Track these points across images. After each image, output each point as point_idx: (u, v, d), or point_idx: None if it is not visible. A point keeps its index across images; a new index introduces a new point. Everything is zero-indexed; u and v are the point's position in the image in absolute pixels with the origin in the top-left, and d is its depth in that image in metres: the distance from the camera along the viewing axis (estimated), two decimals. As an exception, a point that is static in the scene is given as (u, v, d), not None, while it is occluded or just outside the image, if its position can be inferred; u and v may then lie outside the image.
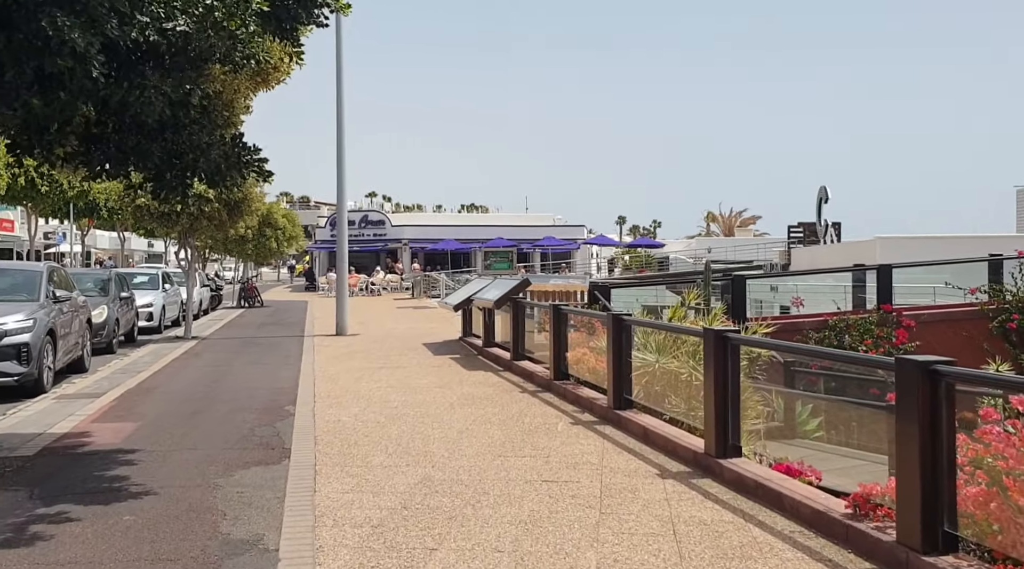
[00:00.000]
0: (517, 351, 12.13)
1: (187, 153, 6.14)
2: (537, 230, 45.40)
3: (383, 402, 9.51)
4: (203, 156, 6.19)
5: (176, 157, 6.17)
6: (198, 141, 6.06)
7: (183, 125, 5.94)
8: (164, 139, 6.02)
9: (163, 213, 17.05)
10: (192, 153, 6.15)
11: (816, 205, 36.05)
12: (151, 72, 5.53)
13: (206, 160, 6.24)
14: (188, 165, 6.23)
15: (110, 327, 15.45)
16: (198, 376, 11.95)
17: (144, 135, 5.95)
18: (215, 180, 6.53)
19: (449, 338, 16.86)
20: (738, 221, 68.77)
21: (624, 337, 8.20)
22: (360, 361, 13.53)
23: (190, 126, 5.99)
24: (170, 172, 6.31)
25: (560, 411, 8.85)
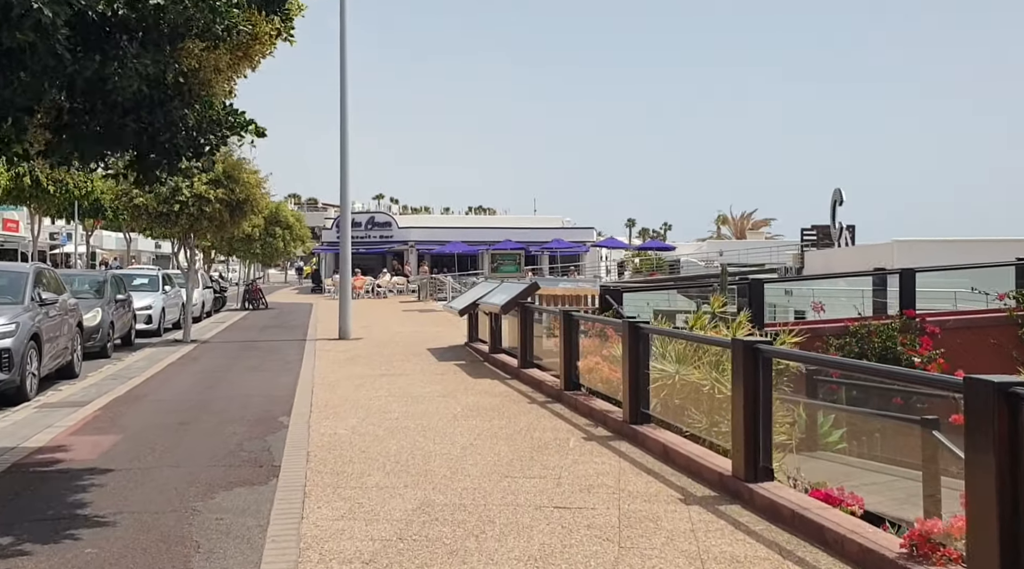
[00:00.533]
0: (525, 358, 11.56)
1: (163, 131, 5.59)
2: (545, 232, 44.80)
3: (383, 413, 8.94)
4: (181, 130, 5.64)
5: (152, 136, 5.61)
6: (174, 117, 5.51)
7: (157, 102, 5.39)
8: (139, 118, 5.46)
9: (161, 213, 16.56)
10: (169, 130, 5.59)
11: (830, 207, 35.36)
12: (127, 45, 4.99)
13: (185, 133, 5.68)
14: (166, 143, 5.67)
15: (104, 330, 14.94)
16: (192, 383, 11.41)
17: (116, 114, 5.40)
18: (198, 151, 5.98)
19: (454, 343, 16.30)
20: (749, 223, 67.99)
21: (641, 346, 7.62)
22: (361, 367, 12.98)
23: (166, 103, 5.44)
24: (151, 153, 5.75)
25: (572, 425, 8.27)
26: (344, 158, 18.21)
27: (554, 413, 8.91)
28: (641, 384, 7.60)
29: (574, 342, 9.59)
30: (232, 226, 17.64)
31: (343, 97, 18.14)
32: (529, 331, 11.63)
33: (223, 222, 17.11)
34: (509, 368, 12.10)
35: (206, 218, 16.72)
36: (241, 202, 17.14)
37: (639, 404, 7.60)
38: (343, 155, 18.25)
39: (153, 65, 4.94)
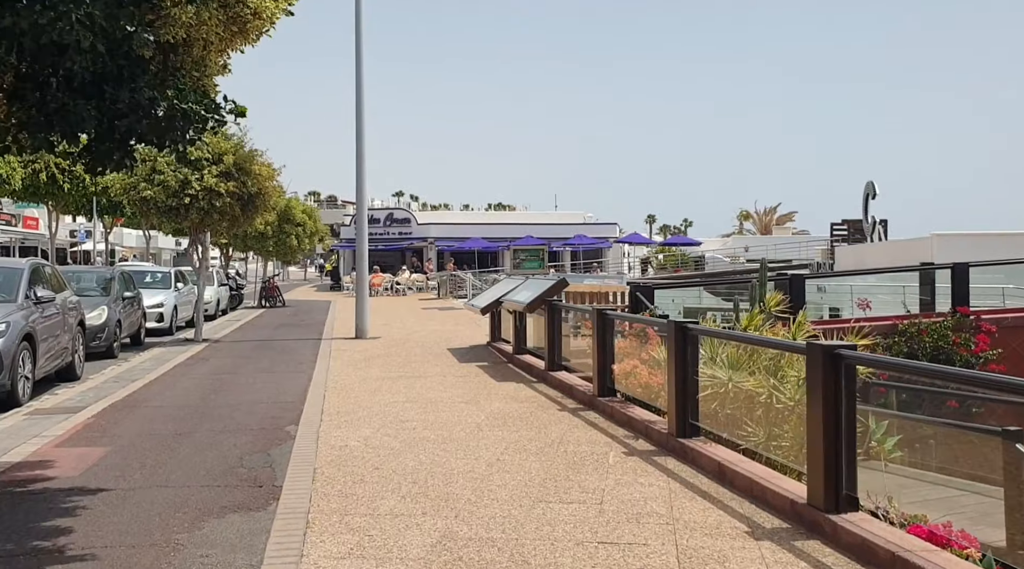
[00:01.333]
0: (553, 360, 10.73)
1: (127, 114, 4.78)
2: (568, 228, 43.90)
3: (400, 421, 8.15)
4: (145, 116, 4.84)
5: (116, 118, 4.81)
6: (139, 100, 4.69)
7: (124, 78, 4.59)
8: (102, 97, 4.65)
9: (171, 207, 15.87)
10: (133, 113, 4.79)
11: (863, 201, 34.19)
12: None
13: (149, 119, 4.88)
14: (129, 127, 4.87)
15: (110, 330, 14.27)
16: (197, 386, 10.68)
17: (75, 92, 4.60)
18: (162, 140, 5.18)
19: (476, 343, 15.50)
20: (774, 218, 66.65)
21: (690, 350, 6.76)
22: (378, 369, 12.20)
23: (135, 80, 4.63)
24: (109, 140, 4.96)
25: (609, 436, 7.42)
26: (360, 150, 17.45)
27: (588, 422, 8.07)
28: (689, 392, 6.74)
29: (609, 344, 8.74)
30: (245, 221, 16.93)
31: (358, 88, 17.38)
32: (557, 331, 10.80)
33: (235, 217, 16.40)
34: (535, 370, 11.28)
35: (217, 212, 16.02)
36: (253, 196, 16.42)
37: (687, 415, 6.74)
38: (359, 147, 17.50)
39: (105, 18, 4.13)
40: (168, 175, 15.56)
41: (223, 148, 16.03)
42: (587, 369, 10.33)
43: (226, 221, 16.48)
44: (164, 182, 15.60)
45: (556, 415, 8.46)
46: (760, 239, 54.25)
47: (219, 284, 25.45)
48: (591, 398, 8.84)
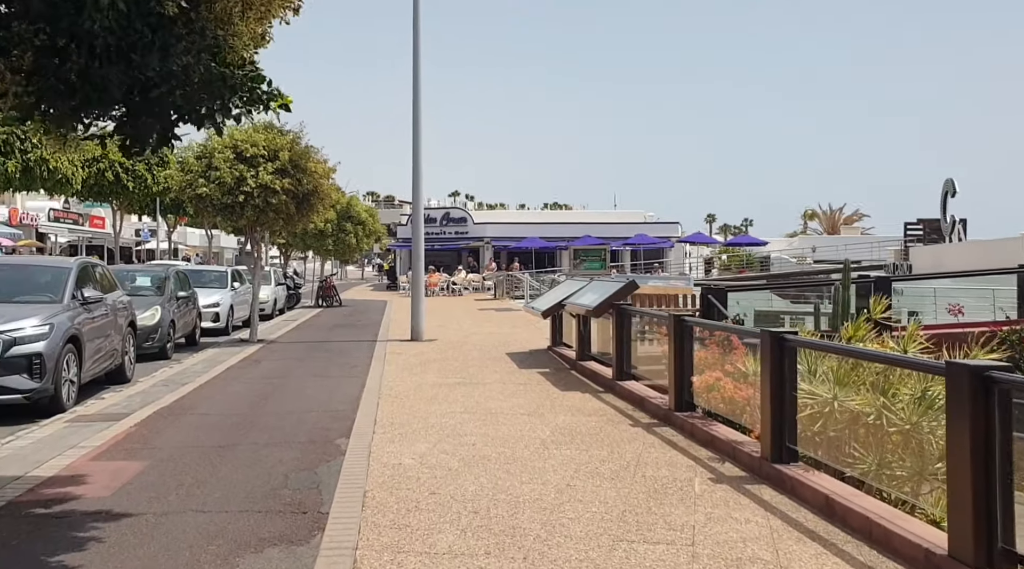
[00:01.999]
0: (621, 368, 9.96)
1: (159, 83, 4.17)
2: (628, 228, 42.87)
3: (457, 435, 7.48)
4: (180, 85, 4.22)
5: (144, 90, 4.21)
6: (171, 66, 4.07)
7: (152, 44, 3.98)
8: (129, 63, 4.05)
9: (226, 204, 15.53)
10: (166, 82, 4.17)
11: (941, 199, 32.43)
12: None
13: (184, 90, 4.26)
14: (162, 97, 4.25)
15: (163, 330, 13.97)
16: (247, 391, 10.20)
17: (96, 57, 4.01)
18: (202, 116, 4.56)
19: (536, 347, 14.79)
20: (842, 218, 64.39)
21: (787, 364, 5.94)
22: (434, 374, 11.59)
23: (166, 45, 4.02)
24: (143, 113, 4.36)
25: (691, 458, 6.64)
26: (416, 147, 16.91)
27: (665, 440, 7.29)
28: (786, 412, 5.92)
29: (687, 353, 7.94)
30: (300, 219, 16.51)
31: (415, 79, 16.84)
32: (626, 337, 10.02)
33: (290, 214, 15.99)
34: (601, 379, 10.52)
35: (272, 210, 15.63)
36: (309, 193, 15.99)
37: (783, 437, 5.93)
38: (415, 144, 16.96)
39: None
40: (224, 172, 15.22)
41: (278, 144, 15.65)
42: (659, 378, 9.56)
43: (281, 219, 16.09)
44: (220, 179, 15.27)
45: (628, 431, 7.70)
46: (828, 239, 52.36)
47: (276, 283, 25.26)
48: (667, 413, 8.05)
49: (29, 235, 45.58)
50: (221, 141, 15.50)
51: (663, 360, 10.52)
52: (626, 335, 10.02)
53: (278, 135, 15.85)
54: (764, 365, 6.10)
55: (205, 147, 15.65)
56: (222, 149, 15.39)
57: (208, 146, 15.60)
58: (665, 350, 9.80)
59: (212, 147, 15.51)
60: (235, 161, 15.34)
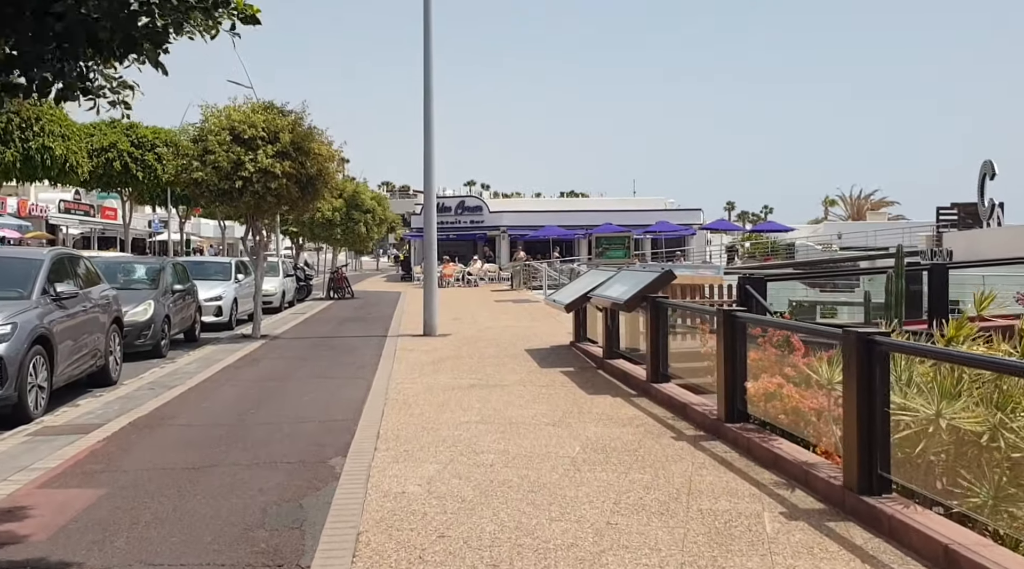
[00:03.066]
0: (657, 369, 8.84)
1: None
2: (648, 215, 41.56)
3: (473, 453, 6.40)
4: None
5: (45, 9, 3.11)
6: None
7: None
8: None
9: (223, 190, 14.50)
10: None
11: (978, 182, 30.93)
12: None
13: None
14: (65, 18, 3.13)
15: (156, 326, 12.97)
16: (239, 396, 9.17)
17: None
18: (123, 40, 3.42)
19: (557, 342, 13.69)
20: (868, 204, 62.65)
21: (878, 373, 4.81)
22: (447, 375, 10.52)
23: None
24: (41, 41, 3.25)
25: (752, 483, 5.52)
26: (428, 128, 15.79)
27: (717, 459, 6.18)
28: (877, 431, 4.79)
29: (739, 355, 6.81)
30: (304, 205, 15.46)
31: (426, 56, 15.72)
32: (662, 334, 8.89)
33: (293, 200, 14.94)
34: (633, 380, 9.41)
35: (272, 196, 14.58)
36: (312, 178, 14.93)
37: (872, 462, 4.80)
38: (426, 126, 15.83)
39: None
40: (220, 155, 14.18)
41: (279, 125, 14.59)
42: (700, 380, 8.46)
43: (283, 205, 15.05)
44: (216, 163, 14.23)
45: (673, 447, 6.59)
46: (854, 225, 50.82)
47: (285, 275, 24.28)
48: (715, 423, 6.94)
49: (39, 227, 44.91)
50: (217, 122, 14.48)
51: (704, 358, 9.40)
52: (662, 332, 8.89)
53: (278, 115, 14.79)
54: (848, 373, 4.96)
55: (201, 129, 14.62)
56: (218, 131, 14.34)
57: (204, 128, 14.57)
58: (708, 348, 8.70)
59: (208, 129, 14.47)
60: (232, 144, 14.30)
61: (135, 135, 37.16)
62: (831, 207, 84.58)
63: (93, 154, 35.39)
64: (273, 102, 15.10)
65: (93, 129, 36.54)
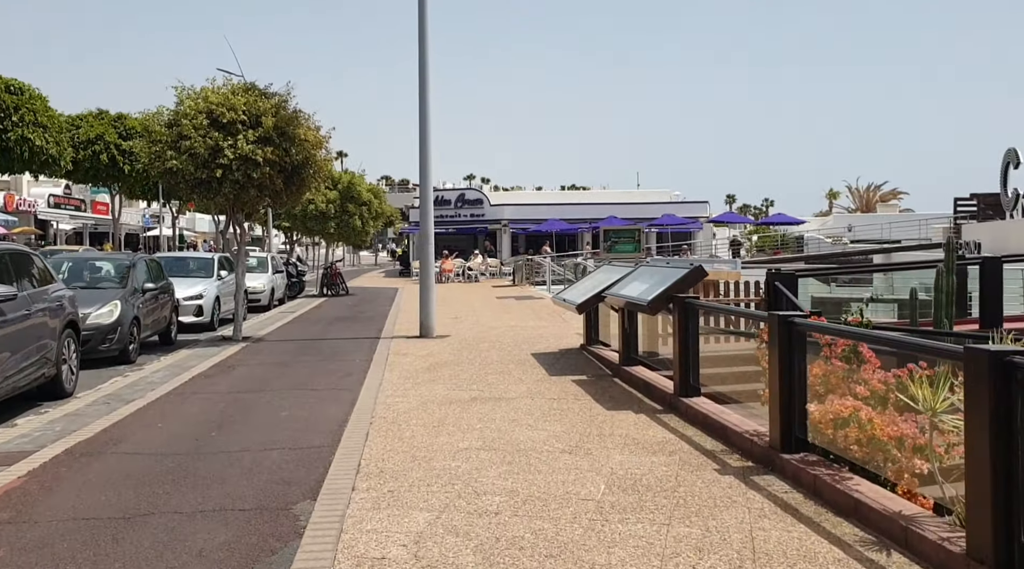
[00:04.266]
0: (686, 381, 7.61)
1: None
2: (654, 208, 40.24)
3: (473, 494, 5.18)
4: None
5: None
6: None
7: None
8: None
9: (200, 180, 13.24)
10: None
11: (1001, 171, 29.46)
12: None
13: None
14: None
15: (124, 329, 11.75)
16: (202, 414, 7.95)
17: None
18: None
19: (566, 345, 12.47)
20: (877, 196, 61.29)
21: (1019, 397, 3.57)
22: (445, 385, 9.29)
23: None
24: None
25: (832, 541, 4.29)
26: (423, 111, 14.52)
27: (778, 502, 4.95)
28: (1020, 486, 3.56)
29: (798, 370, 5.58)
30: (289, 196, 14.19)
31: (422, 38, 14.45)
32: (692, 340, 7.66)
33: (276, 191, 13.67)
34: (657, 392, 8.18)
35: (254, 186, 13.32)
36: (299, 166, 13.67)
37: (1012, 527, 3.56)
38: (422, 110, 14.56)
39: None
40: (196, 141, 12.92)
41: (261, 108, 13.33)
42: (737, 392, 7.28)
43: (266, 196, 13.78)
44: (192, 150, 12.98)
45: (719, 484, 5.36)
46: (864, 218, 49.48)
47: (274, 271, 23.02)
48: (767, 453, 5.71)
49: (27, 222, 43.66)
50: (193, 105, 13.21)
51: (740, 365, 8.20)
52: (692, 337, 7.66)
53: (260, 98, 13.53)
54: (975, 404, 3.72)
55: (176, 113, 13.35)
56: (194, 114, 13.08)
57: (179, 111, 13.31)
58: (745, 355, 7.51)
59: (183, 112, 13.21)
60: (210, 129, 13.05)
61: (123, 126, 35.87)
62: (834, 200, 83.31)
63: (79, 146, 34.17)
64: (255, 83, 13.84)
65: (79, 120, 35.30)
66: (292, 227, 32.58)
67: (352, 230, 26.75)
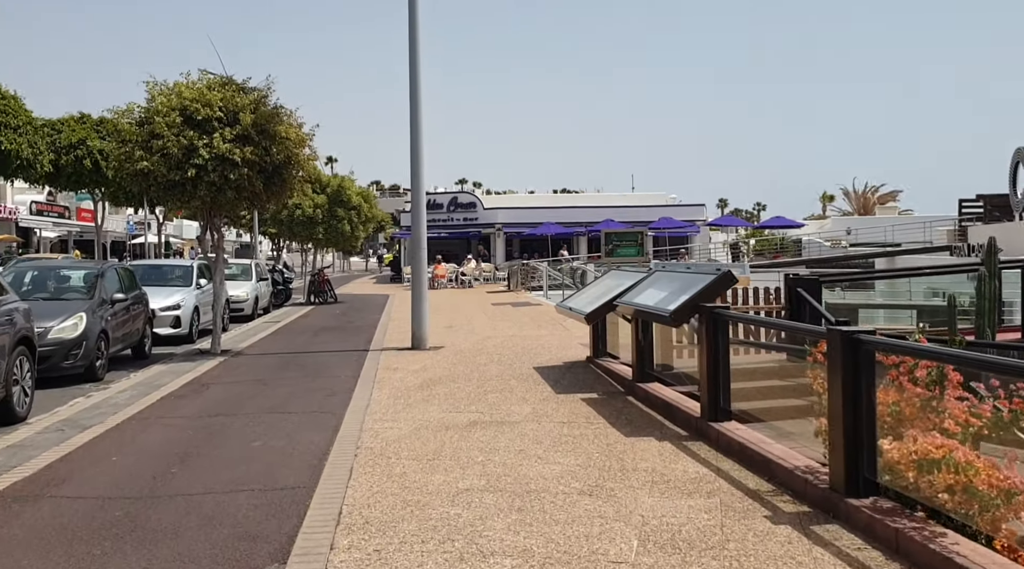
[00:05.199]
0: (716, 403, 6.69)
1: None
2: (650, 211, 39.33)
3: (479, 556, 4.23)
4: None
5: None
6: None
7: None
8: None
9: (173, 182, 12.26)
10: None
11: (1010, 172, 28.85)
12: None
13: None
14: None
15: (90, 345, 10.77)
16: (164, 444, 6.98)
17: None
18: None
19: (571, 357, 11.54)
20: (875, 198, 60.57)
21: None
22: (440, 406, 8.35)
23: None
24: None
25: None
26: (415, 105, 13.57)
27: (853, 564, 4.02)
28: None
29: (865, 400, 4.66)
30: (270, 198, 13.23)
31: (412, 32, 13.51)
32: (723, 356, 6.74)
33: (255, 193, 12.71)
34: (680, 414, 7.26)
35: (232, 188, 12.35)
36: (280, 166, 12.73)
37: None
38: (413, 105, 13.61)
39: None
40: (169, 140, 11.96)
41: (238, 104, 12.38)
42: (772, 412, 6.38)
43: (245, 199, 12.81)
44: (165, 149, 12.01)
45: (775, 537, 4.42)
46: (865, 220, 48.74)
47: (258, 278, 22.00)
48: (828, 496, 4.78)
49: (8, 230, 42.53)
50: (166, 101, 12.25)
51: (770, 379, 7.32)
52: (723, 354, 6.73)
53: (238, 93, 12.58)
54: None
55: (147, 110, 12.39)
56: (167, 111, 12.11)
57: (150, 109, 12.34)
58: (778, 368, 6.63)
59: (155, 109, 12.25)
60: (183, 126, 12.09)
61: (105, 130, 34.85)
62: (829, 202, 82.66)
63: (61, 151, 33.10)
64: (232, 78, 12.87)
65: (60, 125, 34.23)
66: (279, 233, 31.58)
67: (341, 235, 25.75)
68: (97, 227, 39.24)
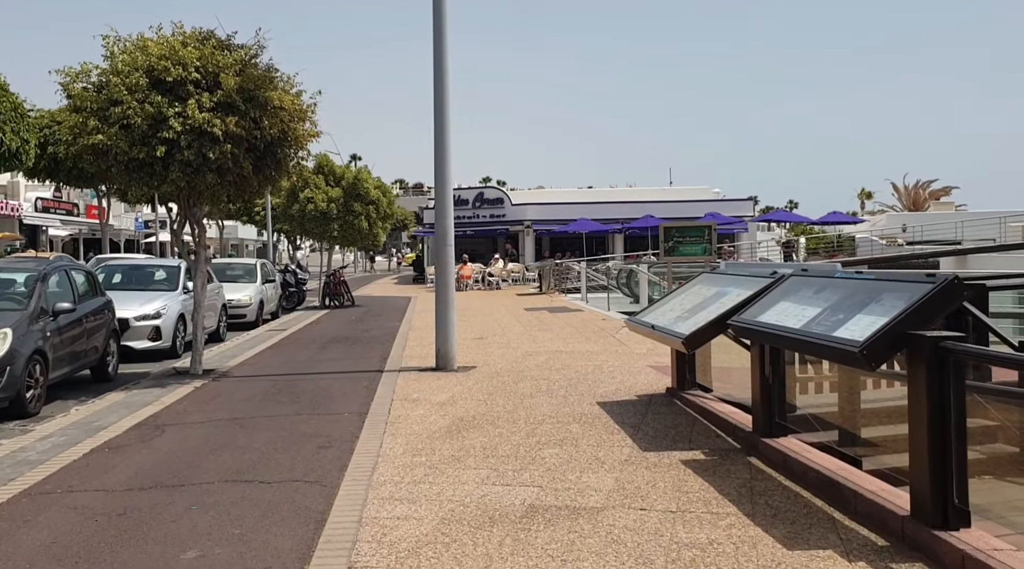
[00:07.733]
0: (941, 495, 3.97)
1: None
2: (695, 206, 36.34)
3: None
4: None
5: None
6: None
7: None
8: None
9: (138, 161, 9.72)
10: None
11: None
12: None
13: None
14: None
15: (16, 370, 8.30)
16: (47, 553, 4.40)
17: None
18: None
19: (642, 387, 8.86)
20: (927, 193, 57.10)
21: None
22: (477, 472, 5.71)
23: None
24: None
25: None
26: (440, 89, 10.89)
27: None
28: None
29: None
30: (261, 182, 10.66)
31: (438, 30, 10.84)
32: (958, 421, 4.02)
33: (243, 176, 10.13)
34: (862, 505, 4.56)
35: (212, 169, 9.80)
36: (273, 143, 10.16)
37: None
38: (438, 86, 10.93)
39: None
40: (131, 107, 9.43)
41: (220, 63, 9.81)
42: None
43: (230, 184, 10.21)
44: (126, 119, 9.48)
45: None
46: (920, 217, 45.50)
47: (264, 280, 19.48)
48: None
49: (10, 227, 40.51)
50: (129, 59, 9.71)
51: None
52: (958, 417, 4.02)
53: (218, 51, 10.00)
54: None
55: (105, 70, 9.85)
56: (128, 72, 9.58)
57: (108, 69, 9.81)
58: None
59: (114, 69, 9.72)
60: (150, 90, 9.55)
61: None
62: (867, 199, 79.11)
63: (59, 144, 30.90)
64: (213, 31, 10.30)
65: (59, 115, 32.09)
66: (290, 229, 29.13)
67: (358, 232, 23.18)
68: (103, 225, 37.07)
